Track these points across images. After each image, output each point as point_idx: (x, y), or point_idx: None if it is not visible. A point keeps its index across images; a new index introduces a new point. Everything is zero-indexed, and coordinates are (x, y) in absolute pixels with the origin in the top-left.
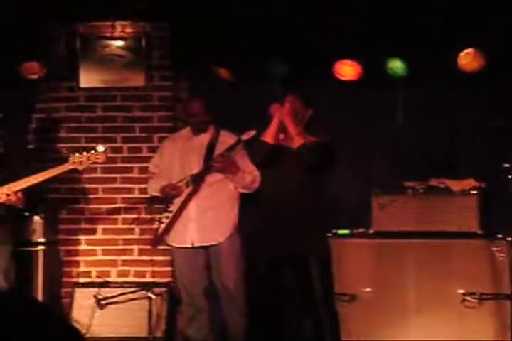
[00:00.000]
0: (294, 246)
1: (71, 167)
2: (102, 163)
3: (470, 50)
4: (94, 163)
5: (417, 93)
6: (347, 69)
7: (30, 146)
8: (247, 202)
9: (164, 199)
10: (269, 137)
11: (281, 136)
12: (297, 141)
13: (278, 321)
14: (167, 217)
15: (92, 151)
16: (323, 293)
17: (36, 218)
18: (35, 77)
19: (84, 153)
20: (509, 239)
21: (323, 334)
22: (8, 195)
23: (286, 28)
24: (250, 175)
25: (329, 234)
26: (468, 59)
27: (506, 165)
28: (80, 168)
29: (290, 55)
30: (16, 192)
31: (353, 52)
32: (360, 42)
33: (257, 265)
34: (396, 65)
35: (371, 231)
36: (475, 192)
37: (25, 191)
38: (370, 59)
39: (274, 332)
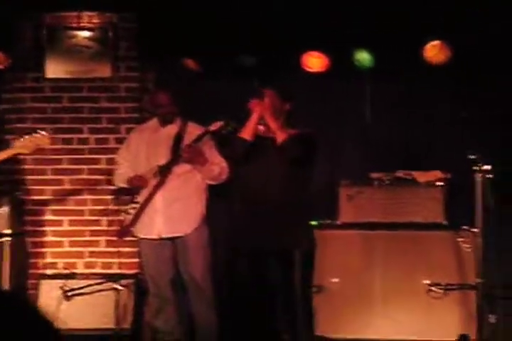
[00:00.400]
0: (277, 238)
1: (16, 151)
2: (49, 146)
3: (436, 42)
4: (39, 145)
5: (385, 85)
6: (314, 61)
7: None
8: (229, 194)
9: (131, 190)
10: (247, 133)
11: (262, 127)
12: (279, 136)
13: (256, 316)
14: (134, 208)
15: (35, 134)
16: (302, 289)
17: (2, 209)
18: (0, 67)
19: (27, 136)
20: (474, 230)
21: (297, 329)
22: None
23: (254, 19)
24: (218, 166)
25: None
26: (434, 51)
27: (472, 157)
28: (26, 151)
29: (258, 46)
30: None
31: (320, 44)
32: (327, 33)
33: (239, 258)
34: (363, 57)
35: (338, 223)
36: (441, 183)
37: None
38: (337, 50)
39: (249, 327)
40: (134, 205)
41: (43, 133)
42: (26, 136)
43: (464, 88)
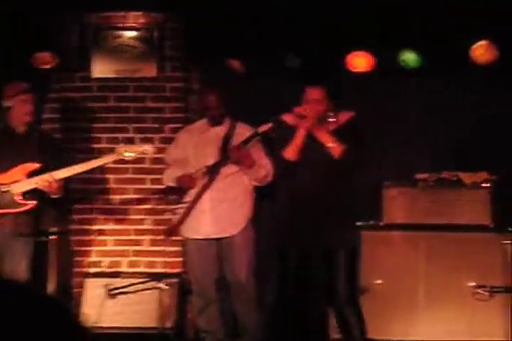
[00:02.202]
0: (322, 238)
1: (118, 158)
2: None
3: (483, 41)
4: (143, 154)
5: (430, 85)
6: (359, 61)
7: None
8: (273, 194)
9: (178, 190)
10: (291, 153)
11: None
12: (334, 151)
13: (303, 318)
14: (181, 208)
15: (141, 145)
16: (347, 289)
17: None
18: (47, 67)
19: (131, 145)
20: None
21: (349, 332)
22: (49, 182)
23: (299, 19)
24: (264, 168)
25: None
26: (481, 50)
27: None
28: (127, 158)
29: (303, 46)
30: (57, 181)
31: (365, 44)
32: (372, 33)
33: (285, 259)
34: (409, 57)
35: (382, 224)
36: (487, 185)
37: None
38: (382, 50)
39: (298, 330)
40: (181, 205)
41: (148, 146)
42: (130, 145)
43: (510, 87)
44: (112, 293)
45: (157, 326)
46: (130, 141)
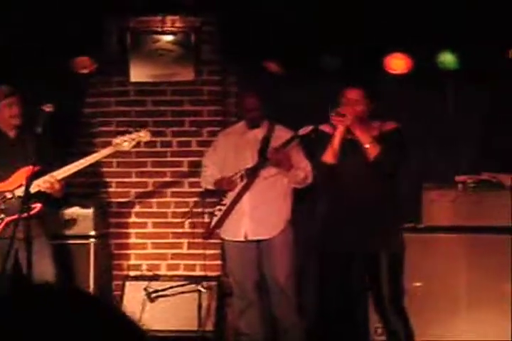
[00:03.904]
0: (367, 240)
1: (116, 149)
2: (145, 144)
3: None
4: (139, 141)
5: (469, 86)
6: (398, 63)
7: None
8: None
9: (217, 192)
10: (330, 157)
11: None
12: (371, 152)
13: (345, 321)
14: (220, 210)
15: (135, 132)
16: (391, 292)
17: (86, 211)
18: (86, 71)
19: (127, 134)
20: None
21: (394, 336)
22: (51, 183)
23: (337, 20)
24: (303, 171)
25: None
26: None
27: None
28: (125, 148)
29: (341, 48)
30: (59, 181)
31: (403, 46)
32: (411, 35)
33: (328, 261)
34: (447, 58)
35: (422, 226)
36: None
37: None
38: (420, 52)
39: (339, 332)
40: (220, 207)
41: (144, 130)
42: (127, 134)
43: None
44: (151, 296)
45: (197, 329)
46: (168, 145)
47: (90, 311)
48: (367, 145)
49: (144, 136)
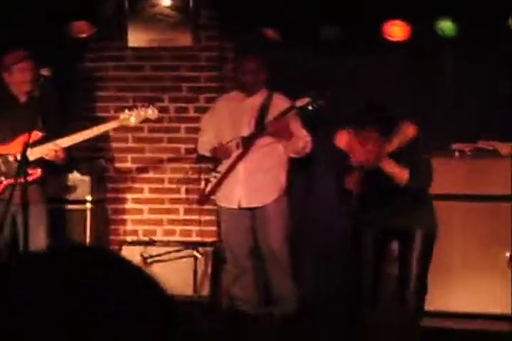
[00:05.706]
0: (400, 217)
1: (122, 123)
2: (153, 121)
3: None
4: (147, 119)
5: (467, 54)
6: (396, 30)
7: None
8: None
9: (212, 159)
10: (353, 188)
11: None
12: (399, 179)
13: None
14: (215, 177)
15: (144, 108)
16: (419, 268)
17: (83, 177)
18: (83, 36)
19: (135, 109)
20: None
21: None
22: (56, 151)
23: None
24: (302, 140)
25: None
26: None
27: None
28: (132, 124)
29: (339, 16)
30: (63, 149)
31: (402, 13)
32: (409, 1)
33: (360, 237)
34: (446, 26)
35: None
36: None
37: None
38: (419, 19)
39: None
40: (215, 174)
41: (152, 107)
42: (135, 109)
43: None
44: (147, 261)
45: (192, 294)
46: (165, 110)
47: (118, 271)
48: (391, 174)
49: (151, 113)
